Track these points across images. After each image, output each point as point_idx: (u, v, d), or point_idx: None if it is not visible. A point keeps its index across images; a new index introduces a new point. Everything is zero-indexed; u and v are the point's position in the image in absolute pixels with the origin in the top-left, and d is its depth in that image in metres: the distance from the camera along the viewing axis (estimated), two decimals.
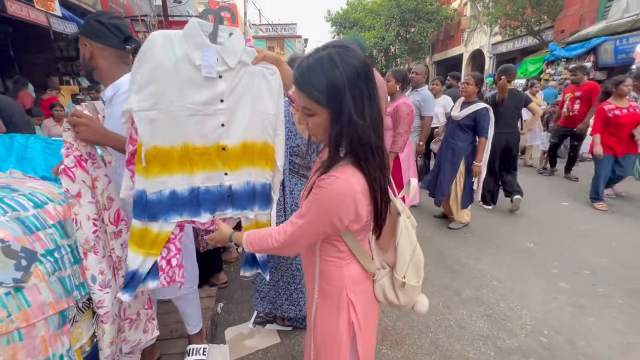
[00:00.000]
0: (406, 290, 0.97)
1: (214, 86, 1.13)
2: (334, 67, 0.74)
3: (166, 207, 1.19)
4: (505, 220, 3.81)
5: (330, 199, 0.80)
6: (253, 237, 0.99)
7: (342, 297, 0.95)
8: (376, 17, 20.24)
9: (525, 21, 11.83)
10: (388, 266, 1.00)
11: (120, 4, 7.96)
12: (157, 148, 1.13)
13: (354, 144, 0.79)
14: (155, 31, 1.10)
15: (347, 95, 0.75)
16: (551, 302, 2.33)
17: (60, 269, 1.10)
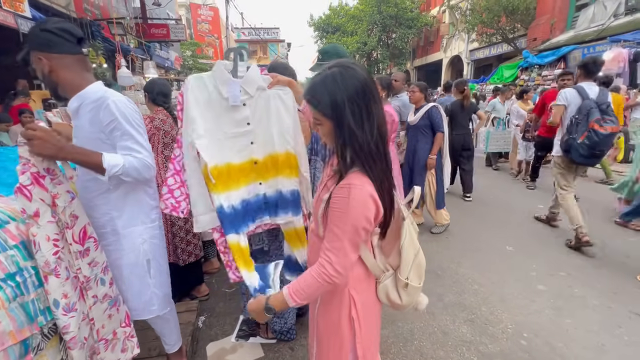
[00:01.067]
0: (409, 291, 1.03)
1: (241, 112, 1.41)
2: (336, 85, 0.87)
3: (238, 219, 1.44)
4: (485, 224, 3.90)
5: (355, 206, 0.87)
6: (297, 288, 0.93)
7: (344, 293, 1.01)
8: (358, 22, 20.53)
9: (500, 29, 12.32)
10: (391, 268, 1.06)
11: (95, 6, 7.70)
12: (218, 168, 1.38)
13: (357, 152, 0.88)
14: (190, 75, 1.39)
15: (347, 110, 0.86)
16: (530, 304, 2.39)
17: (22, 294, 1.02)
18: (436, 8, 19.87)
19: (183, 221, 2.28)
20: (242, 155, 1.45)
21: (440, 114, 3.40)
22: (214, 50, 23.26)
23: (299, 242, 1.61)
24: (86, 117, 1.23)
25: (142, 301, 1.44)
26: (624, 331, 2.10)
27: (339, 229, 0.88)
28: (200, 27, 22.67)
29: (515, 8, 11.41)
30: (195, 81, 1.36)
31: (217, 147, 1.38)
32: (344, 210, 0.87)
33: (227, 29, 17.74)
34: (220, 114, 1.38)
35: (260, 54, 26.22)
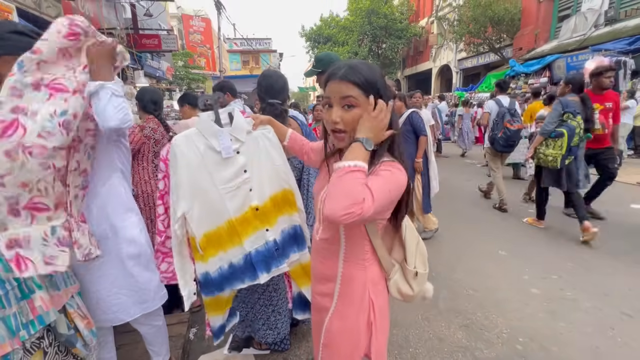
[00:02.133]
0: (418, 279, 1.06)
1: (237, 162, 1.34)
2: (373, 69, 0.91)
3: (229, 279, 1.41)
4: (477, 229, 3.93)
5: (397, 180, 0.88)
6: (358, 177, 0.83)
7: (364, 298, 1.00)
8: (349, 33, 20.88)
9: (487, 39, 12.66)
10: (397, 262, 1.09)
11: (86, 17, 7.66)
12: (207, 235, 1.33)
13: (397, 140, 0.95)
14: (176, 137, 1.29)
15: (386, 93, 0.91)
16: (524, 308, 2.40)
17: (3, 307, 0.99)
18: (425, 19, 20.38)
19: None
20: (243, 206, 1.38)
21: (421, 118, 3.49)
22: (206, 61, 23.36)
23: (307, 277, 1.59)
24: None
25: (152, 289, 1.45)
26: (617, 333, 2.11)
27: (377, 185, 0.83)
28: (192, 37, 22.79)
29: (501, 19, 11.77)
30: (185, 142, 1.27)
31: (211, 211, 1.32)
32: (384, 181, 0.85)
33: (219, 39, 17.84)
34: (215, 170, 1.31)
35: (253, 64, 26.39)
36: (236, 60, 26.78)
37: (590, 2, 9.55)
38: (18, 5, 5.32)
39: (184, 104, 2.93)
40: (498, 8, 11.59)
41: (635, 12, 8.44)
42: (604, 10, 9.11)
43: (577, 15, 9.84)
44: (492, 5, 11.60)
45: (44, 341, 1.10)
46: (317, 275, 1.12)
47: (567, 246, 3.35)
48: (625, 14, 8.68)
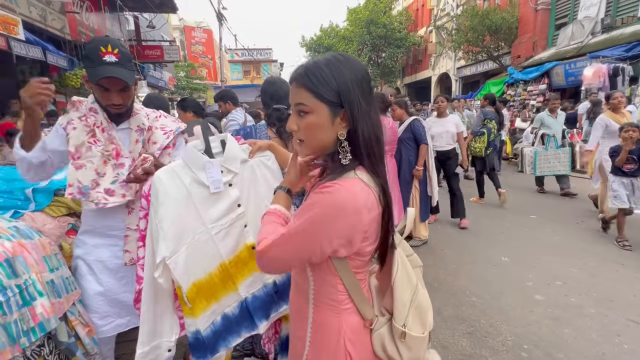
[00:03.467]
0: (408, 343, 0.78)
1: (229, 196, 1.14)
2: (342, 66, 0.73)
3: (223, 335, 1.17)
4: (479, 236, 3.90)
5: (328, 207, 0.69)
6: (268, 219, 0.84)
7: (338, 348, 0.79)
8: (349, 43, 21.17)
9: (485, 47, 12.80)
10: (387, 312, 0.82)
11: (90, 29, 7.83)
12: (197, 284, 1.10)
13: (364, 145, 0.74)
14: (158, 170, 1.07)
15: (358, 94, 0.72)
16: (528, 315, 2.37)
17: (4, 314, 0.98)
18: (423, 28, 20.67)
19: None
20: (237, 246, 1.18)
21: (422, 126, 3.50)
22: (208, 71, 23.66)
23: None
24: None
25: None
26: (623, 339, 2.07)
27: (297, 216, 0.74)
28: (194, 48, 23.13)
29: (498, 28, 11.93)
30: (168, 176, 1.05)
31: (200, 255, 1.11)
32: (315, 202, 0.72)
33: (220, 50, 18.11)
34: (203, 207, 1.09)
35: (254, 73, 26.72)
36: (237, 70, 27.12)
37: (587, 10, 9.68)
38: (24, 18, 5.43)
39: (187, 110, 2.73)
40: (495, 17, 11.77)
41: (631, 20, 8.55)
42: (601, 18, 9.22)
43: (574, 23, 9.96)
44: (489, 15, 11.79)
45: (45, 349, 1.10)
46: (292, 316, 0.95)
47: (571, 252, 3.32)
48: (621, 22, 8.79)
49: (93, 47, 1.18)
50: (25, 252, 1.13)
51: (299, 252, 0.74)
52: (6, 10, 5.02)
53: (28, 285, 1.07)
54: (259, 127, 1.74)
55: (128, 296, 1.32)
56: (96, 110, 1.31)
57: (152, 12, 9.95)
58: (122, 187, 1.26)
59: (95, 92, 1.26)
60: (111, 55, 1.17)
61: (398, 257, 0.81)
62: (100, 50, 1.16)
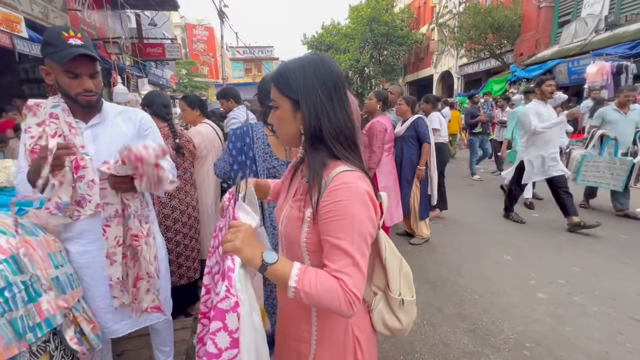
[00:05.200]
0: (406, 308, 0.89)
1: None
2: (310, 67, 0.80)
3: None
4: (481, 234, 3.90)
5: (356, 204, 0.73)
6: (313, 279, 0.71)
7: (347, 336, 0.85)
8: (350, 40, 21.08)
9: (488, 45, 12.73)
10: (379, 290, 0.91)
11: (92, 27, 7.83)
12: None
13: (335, 138, 0.79)
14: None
15: (319, 92, 0.78)
16: (531, 313, 2.37)
17: (11, 310, 0.99)
18: (425, 26, 20.57)
19: (189, 240, 2.25)
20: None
21: (426, 125, 3.46)
22: (209, 69, 23.66)
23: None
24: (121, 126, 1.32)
25: (166, 295, 1.52)
26: (625, 338, 2.07)
27: (344, 241, 0.71)
28: (195, 46, 23.13)
29: (501, 25, 11.85)
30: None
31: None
32: (345, 216, 0.72)
33: (222, 47, 18.08)
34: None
35: (255, 71, 26.69)
36: (239, 68, 27.10)
37: (590, 7, 9.60)
38: (26, 16, 5.43)
39: (194, 107, 2.65)
40: (498, 15, 11.69)
41: (635, 17, 8.48)
42: (604, 16, 9.15)
43: (577, 21, 9.89)
44: (491, 12, 11.71)
45: (50, 345, 1.10)
46: (287, 315, 0.92)
47: (574, 251, 3.31)
48: (625, 19, 8.72)
49: (53, 32, 1.12)
50: (30, 249, 1.14)
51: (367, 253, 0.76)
52: (9, 8, 5.03)
53: (34, 282, 1.08)
54: (255, 126, 1.74)
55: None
56: (57, 116, 1.20)
57: (153, 9, 9.92)
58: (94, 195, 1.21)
59: (61, 82, 1.15)
60: (75, 39, 1.11)
61: (383, 237, 0.89)
62: (62, 34, 1.10)
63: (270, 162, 1.73)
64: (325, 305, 0.71)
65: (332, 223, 0.73)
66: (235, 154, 1.69)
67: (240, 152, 1.69)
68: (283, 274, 0.72)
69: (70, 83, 1.15)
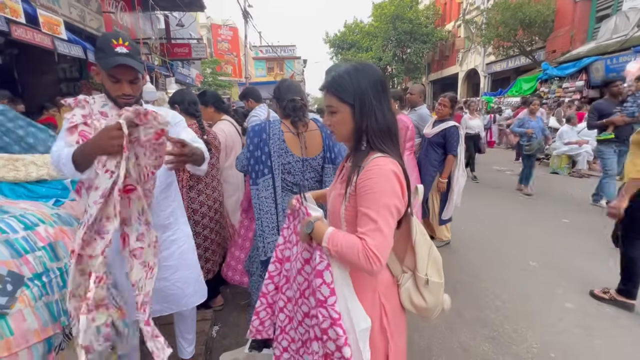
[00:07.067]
0: (431, 289, 0.99)
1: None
2: (358, 74, 0.95)
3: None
4: (505, 239, 3.76)
5: (384, 184, 0.88)
6: (338, 237, 0.90)
7: (375, 302, 0.98)
8: (373, 38, 20.85)
9: (518, 42, 12.19)
10: (409, 270, 1.04)
11: (124, 28, 8.20)
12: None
13: (377, 135, 0.94)
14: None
15: (370, 95, 0.94)
16: (557, 323, 2.26)
17: (47, 294, 1.06)
18: (451, 23, 19.99)
19: (215, 234, 2.30)
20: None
21: (458, 135, 3.18)
22: (233, 68, 24.13)
23: None
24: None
25: (200, 282, 1.59)
26: None
27: (371, 210, 0.87)
28: (220, 45, 23.66)
29: (532, 21, 11.31)
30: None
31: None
32: (374, 190, 0.88)
33: (245, 47, 18.40)
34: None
35: (277, 70, 26.96)
36: (261, 67, 27.45)
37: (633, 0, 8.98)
38: (65, 18, 5.77)
39: (208, 105, 2.65)
40: (529, 10, 11.15)
41: None
42: None
43: (618, 15, 9.27)
44: (522, 8, 11.18)
45: None
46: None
47: (606, 259, 3.12)
48: None
49: (105, 39, 1.22)
50: (65, 237, 1.22)
51: (393, 228, 0.90)
52: (50, 12, 5.36)
53: (68, 268, 1.15)
54: (273, 123, 1.78)
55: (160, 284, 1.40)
56: (106, 114, 1.28)
57: (181, 10, 10.25)
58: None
59: (105, 83, 1.26)
60: (122, 47, 1.20)
61: (415, 222, 1.02)
62: (112, 42, 1.19)
63: (285, 158, 1.75)
64: (349, 259, 0.88)
65: (363, 196, 0.90)
66: (252, 149, 1.74)
67: (257, 148, 1.73)
68: (319, 236, 0.93)
69: (112, 86, 1.25)
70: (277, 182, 1.73)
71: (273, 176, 1.72)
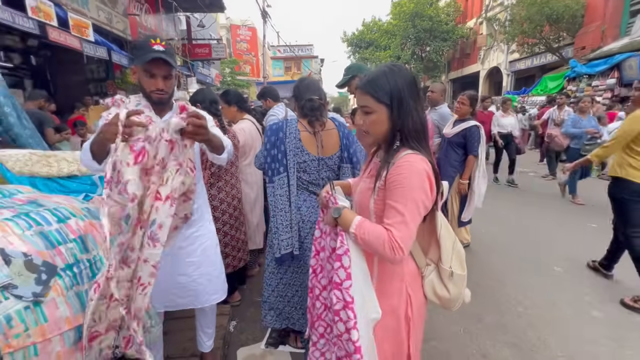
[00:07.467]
0: (455, 280, 1.03)
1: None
2: (394, 75, 0.97)
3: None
4: (528, 242, 3.63)
5: (414, 180, 0.91)
6: (365, 226, 0.95)
7: (402, 293, 1.02)
8: (391, 37, 20.57)
9: (544, 38, 11.72)
10: (432, 262, 1.08)
11: (148, 29, 8.46)
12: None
13: (411, 134, 0.97)
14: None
15: (406, 96, 0.96)
16: (584, 332, 2.16)
17: (78, 284, 1.11)
18: (473, 20, 19.46)
19: (235, 230, 2.36)
20: None
21: (479, 135, 3.03)
22: (251, 67, 24.45)
23: None
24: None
25: (222, 280, 1.62)
26: None
27: (399, 203, 0.91)
28: (239, 46, 24.02)
29: (560, 16, 10.83)
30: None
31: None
32: (404, 185, 0.91)
33: (263, 47, 18.60)
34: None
35: (295, 69, 27.11)
36: (279, 66, 27.69)
37: None
38: (93, 21, 6.01)
39: (231, 104, 2.69)
40: (557, 5, 10.66)
41: None
42: None
43: None
44: (549, 3, 10.71)
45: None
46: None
47: None
48: None
49: (144, 40, 1.32)
50: (94, 231, 1.26)
51: (418, 222, 0.93)
52: (79, 15, 5.60)
53: (97, 260, 1.20)
54: (290, 122, 1.79)
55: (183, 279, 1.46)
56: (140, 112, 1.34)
57: (202, 11, 10.48)
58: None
59: (141, 79, 1.33)
60: (159, 46, 1.29)
61: (439, 216, 1.05)
62: (150, 41, 1.29)
63: (301, 157, 1.76)
64: (374, 248, 0.93)
65: (393, 190, 0.93)
66: (269, 147, 1.77)
67: (274, 146, 1.76)
68: (347, 222, 0.97)
69: (147, 81, 1.32)
70: (292, 180, 1.75)
71: (288, 175, 1.74)
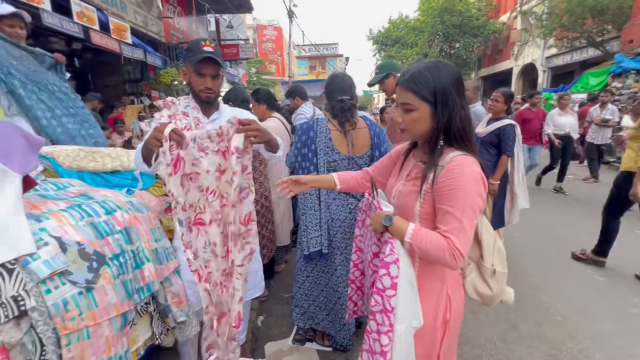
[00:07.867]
0: (497, 278, 1.03)
1: None
2: (440, 71, 0.93)
3: None
4: (568, 249, 3.41)
5: (470, 181, 0.88)
6: (422, 233, 0.91)
7: (442, 294, 1.00)
8: (419, 34, 20.08)
9: (586, 32, 10.98)
10: (472, 261, 1.07)
11: (180, 31, 8.79)
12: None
13: (459, 133, 0.93)
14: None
15: (453, 93, 0.92)
16: (632, 346, 2.01)
17: (124, 273, 1.17)
18: (506, 14, 18.59)
19: (260, 227, 2.40)
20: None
21: (514, 134, 2.91)
22: (276, 67, 24.79)
23: None
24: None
25: (259, 276, 1.67)
26: None
27: (456, 209, 0.88)
28: (265, 46, 24.42)
29: (605, 8, 10.09)
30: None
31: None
32: (460, 189, 0.88)
33: (289, 46, 18.78)
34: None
35: (319, 68, 27.16)
36: (304, 65, 27.86)
37: None
38: (131, 24, 6.32)
39: (261, 102, 2.74)
40: None
41: None
42: None
43: None
44: None
45: (151, 306, 1.28)
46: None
47: None
48: None
49: (195, 42, 1.41)
50: (137, 223, 1.33)
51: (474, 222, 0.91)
52: (119, 19, 5.91)
53: (140, 251, 1.26)
54: (320, 121, 1.79)
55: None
56: (188, 114, 1.43)
57: (231, 12, 10.73)
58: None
59: (191, 79, 1.42)
60: (209, 47, 1.38)
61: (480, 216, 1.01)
62: (200, 43, 1.38)
63: (332, 156, 1.76)
64: (434, 256, 0.89)
65: (447, 194, 0.89)
66: (300, 146, 1.78)
67: (304, 145, 1.77)
68: (400, 231, 0.93)
69: (197, 81, 1.40)
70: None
71: (318, 173, 1.74)
